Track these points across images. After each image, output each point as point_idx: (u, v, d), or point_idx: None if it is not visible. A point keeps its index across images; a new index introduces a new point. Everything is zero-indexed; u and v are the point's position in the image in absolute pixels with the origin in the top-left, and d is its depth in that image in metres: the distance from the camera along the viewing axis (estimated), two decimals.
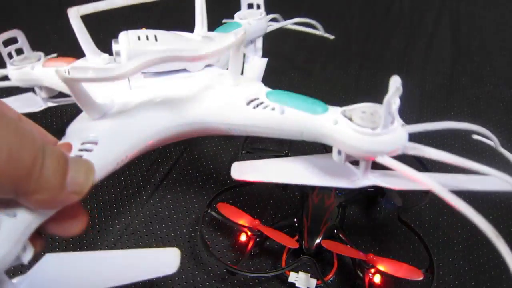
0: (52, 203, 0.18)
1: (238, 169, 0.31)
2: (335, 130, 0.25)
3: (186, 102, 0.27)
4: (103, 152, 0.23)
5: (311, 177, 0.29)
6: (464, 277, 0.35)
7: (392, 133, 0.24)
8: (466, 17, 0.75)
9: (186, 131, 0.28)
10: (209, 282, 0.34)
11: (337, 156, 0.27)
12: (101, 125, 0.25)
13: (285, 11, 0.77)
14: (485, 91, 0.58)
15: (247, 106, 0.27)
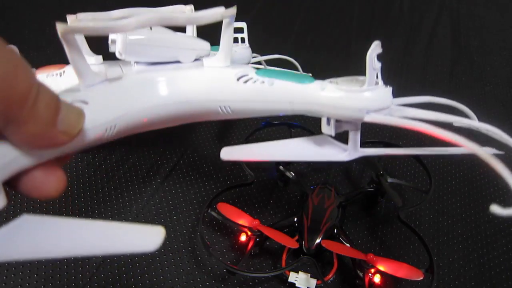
0: (41, 138, 0.18)
1: (227, 151, 0.31)
2: (324, 95, 0.27)
3: (177, 80, 0.28)
4: (93, 112, 0.22)
5: (301, 154, 0.30)
6: (464, 277, 0.35)
7: (377, 90, 0.26)
8: (466, 17, 0.76)
9: (176, 112, 0.28)
10: (209, 282, 0.34)
11: (326, 127, 0.28)
12: (94, 89, 0.25)
13: (285, 11, 0.77)
14: (485, 91, 0.58)
15: (237, 81, 0.28)
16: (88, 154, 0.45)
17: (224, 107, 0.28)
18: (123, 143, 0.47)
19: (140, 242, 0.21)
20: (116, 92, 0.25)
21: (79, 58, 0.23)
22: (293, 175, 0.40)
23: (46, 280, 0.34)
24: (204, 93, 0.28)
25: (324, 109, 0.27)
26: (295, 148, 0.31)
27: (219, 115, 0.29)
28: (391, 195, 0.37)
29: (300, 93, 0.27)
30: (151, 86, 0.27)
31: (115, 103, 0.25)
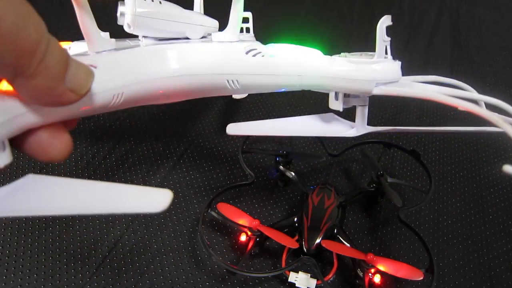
0: (49, 94, 0.18)
1: (234, 127, 0.31)
2: (333, 68, 0.26)
3: (186, 53, 0.28)
4: (101, 77, 0.22)
5: (309, 129, 0.30)
6: (464, 277, 0.35)
7: (387, 62, 0.26)
8: (466, 17, 0.75)
9: (184, 85, 0.28)
10: (209, 282, 0.34)
11: (334, 102, 0.28)
12: (102, 56, 0.25)
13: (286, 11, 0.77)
14: (485, 91, 0.58)
15: (246, 55, 0.27)
16: (88, 153, 0.45)
17: (232, 81, 0.28)
18: (122, 143, 0.47)
19: (147, 202, 0.20)
20: (125, 60, 0.25)
21: (89, 22, 0.23)
22: (293, 175, 0.40)
23: (46, 280, 0.34)
24: (212, 66, 0.27)
25: (333, 82, 0.27)
26: (302, 124, 0.30)
27: (227, 90, 0.28)
28: (391, 195, 0.37)
29: (310, 67, 0.27)
30: (160, 58, 0.27)
31: (123, 70, 0.24)
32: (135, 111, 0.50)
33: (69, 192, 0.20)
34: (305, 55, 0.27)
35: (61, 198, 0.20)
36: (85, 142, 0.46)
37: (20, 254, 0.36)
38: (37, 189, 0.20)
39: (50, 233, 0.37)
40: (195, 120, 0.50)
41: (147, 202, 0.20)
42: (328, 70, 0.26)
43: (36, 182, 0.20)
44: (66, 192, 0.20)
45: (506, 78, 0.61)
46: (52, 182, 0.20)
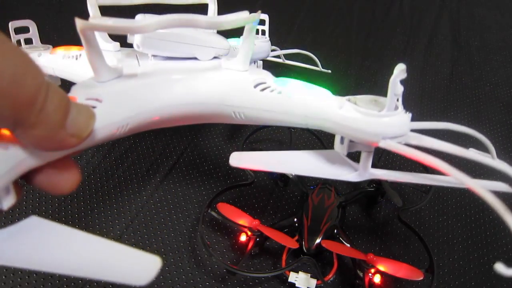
0: (50, 141, 0.18)
1: (237, 157, 0.31)
2: (340, 114, 0.25)
3: (193, 80, 0.27)
4: (107, 111, 0.22)
5: (311, 168, 0.29)
6: (464, 277, 0.35)
7: (396, 116, 0.25)
8: (466, 17, 0.76)
9: (190, 112, 0.28)
10: (209, 282, 0.34)
11: (339, 145, 0.27)
12: (108, 87, 0.24)
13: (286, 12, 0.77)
14: (485, 91, 0.58)
15: (254, 89, 0.27)
16: (88, 153, 0.45)
17: (238, 113, 0.27)
18: (122, 142, 0.47)
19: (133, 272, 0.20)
20: (130, 91, 0.25)
21: (96, 55, 0.23)
22: (293, 175, 0.40)
23: (46, 280, 0.34)
24: (219, 97, 0.27)
25: (339, 128, 0.26)
26: (306, 162, 0.30)
27: (232, 120, 0.28)
28: (391, 195, 0.37)
29: (317, 109, 0.26)
30: (166, 86, 0.26)
31: (129, 102, 0.24)
32: None
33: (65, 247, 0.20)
34: (314, 96, 0.27)
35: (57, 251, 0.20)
36: None
37: None
38: (35, 235, 0.20)
39: None
40: None
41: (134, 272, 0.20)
42: (335, 116, 0.26)
43: (37, 226, 0.20)
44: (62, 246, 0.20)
45: (506, 78, 0.61)
46: (53, 230, 0.20)
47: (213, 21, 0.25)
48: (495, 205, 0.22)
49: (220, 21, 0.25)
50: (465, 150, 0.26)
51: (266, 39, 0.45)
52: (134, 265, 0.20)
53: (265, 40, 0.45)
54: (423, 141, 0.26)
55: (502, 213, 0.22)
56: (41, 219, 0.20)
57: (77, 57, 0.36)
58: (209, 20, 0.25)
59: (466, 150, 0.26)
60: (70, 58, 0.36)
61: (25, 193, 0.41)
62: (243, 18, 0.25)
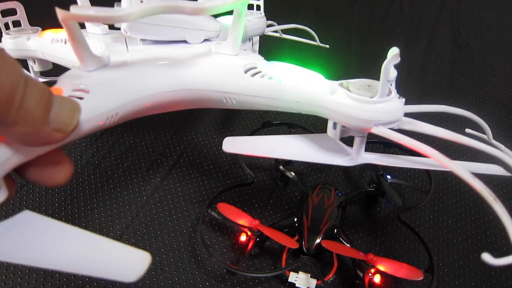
0: (34, 137, 0.17)
1: (230, 142, 0.30)
2: (332, 99, 0.25)
3: (183, 67, 0.27)
4: (94, 102, 0.22)
5: (304, 153, 0.29)
6: (464, 277, 0.35)
7: (389, 102, 0.24)
8: (466, 17, 0.76)
9: (180, 98, 0.27)
10: (209, 282, 0.34)
11: (332, 131, 0.27)
12: (95, 76, 0.24)
13: (286, 11, 0.77)
14: (485, 91, 0.58)
15: (244, 74, 0.26)
16: (88, 153, 0.45)
17: (230, 98, 0.27)
18: (122, 142, 0.47)
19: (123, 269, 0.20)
20: (118, 80, 0.24)
21: (81, 44, 0.22)
22: (293, 175, 0.40)
23: (46, 280, 0.34)
24: (209, 83, 0.27)
25: (331, 114, 0.26)
26: (299, 147, 0.29)
27: (224, 105, 0.28)
28: (391, 195, 0.37)
29: (308, 95, 0.26)
30: (155, 74, 0.26)
31: (117, 91, 0.24)
32: None
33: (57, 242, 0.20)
34: (306, 80, 0.26)
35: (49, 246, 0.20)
36: (84, 142, 0.46)
37: None
38: (28, 230, 0.20)
39: None
40: (195, 119, 0.50)
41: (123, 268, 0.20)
42: (327, 102, 0.25)
43: (30, 221, 0.20)
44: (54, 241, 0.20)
45: (506, 78, 0.61)
46: (45, 225, 0.20)
47: (199, 7, 0.24)
48: (486, 195, 0.22)
49: (206, 7, 0.24)
50: (460, 136, 0.25)
51: (261, 15, 0.43)
52: (124, 262, 0.20)
53: (260, 16, 0.43)
54: (418, 126, 0.26)
55: (493, 204, 0.22)
56: (33, 214, 0.20)
57: (65, 41, 0.35)
58: (194, 6, 0.24)
59: (459, 135, 0.25)
60: (59, 42, 0.35)
61: (25, 192, 0.41)
62: (231, 2, 0.24)
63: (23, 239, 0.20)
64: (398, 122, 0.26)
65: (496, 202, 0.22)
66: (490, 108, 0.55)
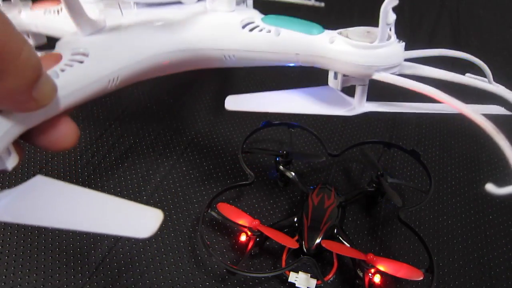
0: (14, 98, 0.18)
1: (233, 100, 0.30)
2: (332, 48, 0.25)
3: (180, 27, 0.27)
4: (95, 65, 0.22)
5: (306, 106, 0.29)
6: (464, 277, 0.35)
7: (390, 46, 0.25)
8: (466, 17, 0.75)
9: (180, 59, 0.27)
10: (209, 282, 0.34)
11: (333, 81, 0.27)
12: (94, 40, 0.24)
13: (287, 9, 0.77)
14: (485, 91, 0.58)
15: (242, 30, 0.26)
16: (88, 153, 0.45)
17: (229, 55, 0.27)
18: (122, 142, 0.47)
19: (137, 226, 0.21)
20: (116, 42, 0.24)
21: (76, 8, 0.22)
22: (293, 175, 0.40)
23: (46, 280, 0.34)
24: (207, 42, 0.27)
25: (331, 63, 0.26)
26: (301, 100, 0.29)
27: (224, 63, 0.28)
28: (391, 195, 0.37)
29: (307, 45, 0.26)
30: (152, 34, 0.26)
31: (116, 54, 0.24)
32: (134, 110, 0.50)
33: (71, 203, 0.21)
34: (304, 32, 0.26)
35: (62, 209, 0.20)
36: (84, 142, 0.46)
37: (20, 253, 0.36)
38: (41, 194, 0.21)
39: (49, 233, 0.37)
40: (195, 119, 0.50)
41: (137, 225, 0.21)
42: (327, 51, 0.25)
43: (43, 185, 0.21)
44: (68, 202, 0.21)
45: (506, 78, 0.61)
46: (58, 188, 0.21)
47: None
48: (487, 128, 0.22)
49: None
50: (461, 76, 0.26)
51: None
52: (137, 219, 0.21)
53: None
54: (419, 69, 0.27)
55: (495, 136, 0.22)
56: (46, 178, 0.21)
57: (58, 11, 0.34)
58: None
59: (462, 76, 0.26)
60: (51, 13, 0.34)
61: None
62: None
63: (38, 201, 0.20)
64: (399, 67, 0.26)
65: (499, 134, 0.23)
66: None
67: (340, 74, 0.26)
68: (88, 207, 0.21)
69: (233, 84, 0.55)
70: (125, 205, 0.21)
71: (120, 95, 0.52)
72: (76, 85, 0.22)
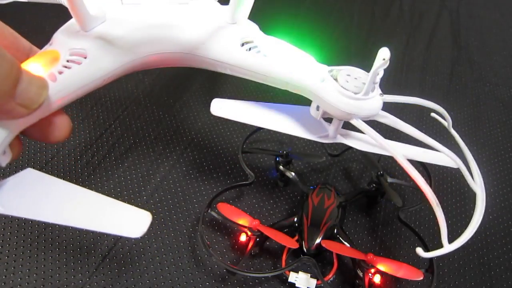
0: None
1: (218, 105, 0.32)
2: (321, 87, 0.27)
3: (180, 29, 0.27)
4: (93, 67, 0.22)
5: (285, 125, 0.31)
6: (464, 277, 0.35)
7: (371, 100, 0.27)
8: (466, 17, 0.75)
9: (177, 60, 0.28)
10: (209, 282, 0.34)
11: (314, 111, 0.29)
12: (92, 38, 0.24)
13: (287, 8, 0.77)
14: (485, 91, 0.58)
15: (240, 48, 0.27)
16: (88, 153, 0.45)
17: (224, 68, 0.28)
18: (122, 142, 0.47)
19: (127, 226, 0.21)
20: (115, 42, 0.24)
21: (78, 3, 0.22)
22: (293, 175, 0.40)
23: (46, 280, 0.34)
24: (206, 51, 0.27)
25: (317, 99, 0.28)
26: (282, 118, 0.32)
27: (217, 70, 0.29)
28: (391, 195, 0.37)
29: (299, 78, 0.27)
30: (151, 34, 0.26)
31: (114, 54, 0.24)
32: (134, 110, 0.50)
33: (60, 198, 0.21)
34: (298, 63, 0.28)
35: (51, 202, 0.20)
36: (84, 142, 0.46)
37: (20, 253, 0.36)
38: (31, 186, 0.21)
39: (49, 233, 0.37)
40: (195, 119, 0.50)
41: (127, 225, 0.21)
42: (315, 88, 0.27)
43: (33, 178, 0.21)
44: (57, 196, 0.21)
45: (506, 78, 0.61)
46: (48, 182, 0.21)
47: None
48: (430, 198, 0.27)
49: None
50: (425, 136, 0.29)
51: None
52: (127, 219, 0.21)
53: None
54: (390, 121, 0.29)
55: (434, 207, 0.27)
56: (36, 172, 0.21)
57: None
58: None
59: (426, 136, 0.29)
60: None
61: None
62: None
63: (28, 194, 0.20)
64: (376, 116, 0.28)
65: (438, 207, 0.28)
66: (490, 108, 0.55)
67: (322, 109, 0.28)
68: (79, 204, 0.21)
69: (233, 83, 0.55)
70: (116, 205, 0.21)
71: (120, 95, 0.52)
72: (74, 87, 0.22)
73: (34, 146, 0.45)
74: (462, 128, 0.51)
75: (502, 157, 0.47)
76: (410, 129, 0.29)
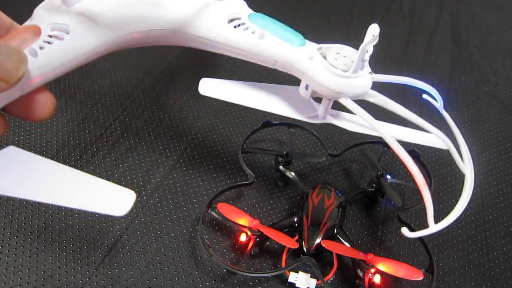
0: None
1: (206, 85, 0.31)
2: (309, 66, 0.26)
3: (165, 6, 0.26)
4: (75, 43, 0.22)
5: (274, 105, 0.31)
6: (464, 277, 0.35)
7: (360, 78, 0.26)
8: (466, 17, 0.75)
9: (163, 37, 0.27)
10: (209, 282, 0.34)
11: (303, 90, 0.29)
12: (74, 14, 0.23)
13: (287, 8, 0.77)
14: (485, 91, 0.58)
15: (228, 25, 0.27)
16: (88, 152, 0.45)
17: (211, 46, 0.27)
18: (122, 142, 0.47)
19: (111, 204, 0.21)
20: (98, 18, 0.24)
21: None
22: (293, 175, 0.40)
23: (46, 280, 0.34)
24: (192, 28, 0.27)
25: (306, 77, 0.27)
26: (271, 98, 0.31)
27: (204, 48, 0.28)
28: (391, 195, 0.37)
29: (287, 56, 0.27)
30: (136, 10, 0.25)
31: (97, 30, 0.23)
32: (134, 110, 0.50)
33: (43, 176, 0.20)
34: (286, 41, 0.27)
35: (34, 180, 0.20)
36: (84, 141, 0.46)
37: (20, 253, 0.36)
38: (12, 164, 0.20)
39: (50, 233, 0.37)
40: (195, 119, 0.50)
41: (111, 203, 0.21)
42: (304, 66, 0.26)
43: (14, 156, 0.20)
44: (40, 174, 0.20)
45: (506, 78, 0.61)
46: (30, 160, 0.21)
47: None
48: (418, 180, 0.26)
49: None
50: (415, 116, 0.28)
51: None
52: (112, 198, 0.21)
53: None
54: (380, 100, 0.28)
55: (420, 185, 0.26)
56: (18, 149, 0.20)
57: None
58: None
59: (415, 115, 0.28)
60: None
61: None
62: None
63: (10, 172, 0.20)
64: (365, 95, 0.28)
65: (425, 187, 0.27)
66: (490, 108, 0.55)
67: (311, 88, 0.28)
68: (62, 182, 0.20)
69: None
70: (99, 183, 0.21)
71: (120, 95, 0.52)
72: (56, 63, 0.21)
73: (34, 146, 0.45)
74: (462, 128, 0.51)
75: (502, 157, 0.47)
76: (400, 109, 0.28)
